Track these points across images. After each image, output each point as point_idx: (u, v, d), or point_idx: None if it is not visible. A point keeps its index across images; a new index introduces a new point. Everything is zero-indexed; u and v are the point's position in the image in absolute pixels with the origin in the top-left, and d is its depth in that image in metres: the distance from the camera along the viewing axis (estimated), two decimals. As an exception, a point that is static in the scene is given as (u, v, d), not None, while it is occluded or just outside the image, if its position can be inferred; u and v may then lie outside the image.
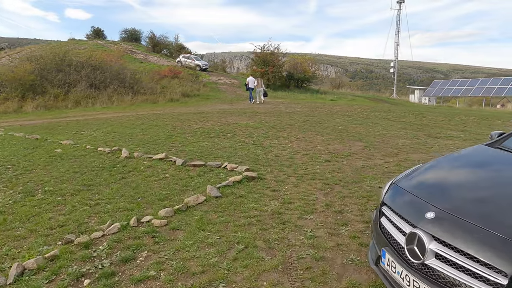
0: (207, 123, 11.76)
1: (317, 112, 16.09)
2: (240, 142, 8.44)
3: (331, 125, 11.67)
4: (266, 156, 6.99)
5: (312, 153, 7.27)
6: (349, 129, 10.70)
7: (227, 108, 17.33)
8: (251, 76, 21.07)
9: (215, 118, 13.06)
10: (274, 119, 12.89)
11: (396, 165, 6.18)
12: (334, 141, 8.59)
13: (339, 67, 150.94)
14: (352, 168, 6.01)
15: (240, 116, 13.88)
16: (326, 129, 10.60)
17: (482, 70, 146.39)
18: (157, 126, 11.08)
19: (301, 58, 30.78)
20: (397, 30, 39.69)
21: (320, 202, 4.38)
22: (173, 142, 8.43)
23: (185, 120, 12.49)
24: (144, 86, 21.09)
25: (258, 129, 10.49)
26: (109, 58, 24.30)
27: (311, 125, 11.55)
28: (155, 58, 40.81)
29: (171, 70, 28.23)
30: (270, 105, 19.28)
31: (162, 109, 17.02)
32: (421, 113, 16.52)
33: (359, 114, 15.58)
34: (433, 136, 9.74)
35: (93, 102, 18.27)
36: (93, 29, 52.71)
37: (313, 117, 14.05)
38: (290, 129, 10.58)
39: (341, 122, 12.52)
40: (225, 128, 10.55)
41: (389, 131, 10.61)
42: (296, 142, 8.47)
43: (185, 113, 14.76)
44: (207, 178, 5.41)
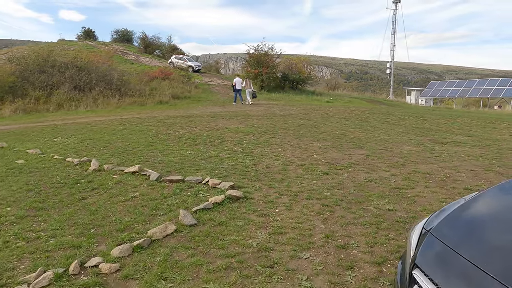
0: (194, 128, 10.87)
1: (313, 115, 15.29)
2: (228, 150, 7.58)
3: (328, 129, 10.85)
4: (255, 167, 6.13)
5: (308, 163, 6.43)
6: (347, 134, 9.89)
7: (218, 111, 16.46)
8: (237, 77, 20.49)
9: (204, 122, 12.18)
10: (267, 123, 12.04)
11: (405, 179, 5.35)
12: (332, 149, 7.75)
13: (334, 68, 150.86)
14: (354, 183, 5.17)
15: (231, 119, 13.02)
16: (322, 134, 9.77)
17: (476, 71, 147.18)
18: (139, 132, 10.18)
19: (296, 59, 29.99)
20: (393, 31, 39.13)
21: (318, 231, 3.53)
22: (153, 151, 7.54)
23: (171, 124, 11.60)
24: (132, 88, 20.14)
25: (249, 134, 9.63)
26: (96, 59, 23.29)
27: (306, 129, 10.72)
28: (147, 59, 39.85)
29: (161, 71, 27.29)
30: (263, 107, 18.45)
31: (149, 112, 16.10)
32: (421, 115, 15.78)
33: (357, 117, 14.80)
34: (439, 141, 8.95)
35: (76, 105, 17.28)
36: (83, 30, 51.73)
37: (309, 120, 13.23)
38: (284, 134, 9.73)
39: (338, 126, 11.71)
40: (213, 134, 9.68)
41: (391, 136, 9.81)
42: (290, 150, 7.63)
43: (173, 117, 13.86)
44: (184, 198, 4.54)
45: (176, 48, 46.22)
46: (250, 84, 20.41)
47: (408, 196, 4.56)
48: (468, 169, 5.93)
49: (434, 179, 5.36)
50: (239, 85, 19.79)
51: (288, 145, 8.14)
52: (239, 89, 19.74)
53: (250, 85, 20.21)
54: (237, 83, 19.80)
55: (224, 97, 23.58)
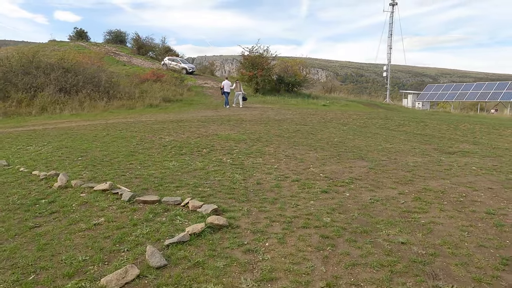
0: (182, 134, 10.13)
1: (309, 119, 14.62)
2: (215, 162, 6.85)
3: (325, 136, 10.17)
4: (245, 183, 5.41)
5: (304, 178, 5.72)
6: (346, 142, 9.21)
7: (210, 115, 15.73)
8: (226, 80, 20.09)
9: (193, 127, 11.44)
10: (261, 129, 11.34)
11: (416, 199, 4.66)
12: (330, 160, 7.06)
13: (330, 70, 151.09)
14: (358, 205, 4.47)
15: (223, 125, 12.29)
16: (320, 142, 9.08)
17: (470, 74, 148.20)
18: (122, 139, 9.42)
19: (291, 61, 29.37)
20: (390, 33, 38.71)
21: (317, 277, 2.82)
22: (132, 162, 6.79)
23: (158, 130, 10.85)
24: (121, 91, 19.32)
25: (241, 142, 8.92)
26: (85, 60, 22.47)
27: (302, 136, 10.03)
28: (140, 61, 39.04)
29: (153, 73, 26.49)
30: (258, 111, 17.75)
31: (138, 116, 15.32)
32: (421, 120, 15.18)
33: (355, 122, 14.15)
34: (445, 151, 8.30)
35: (61, 108, 16.44)
36: (75, 30, 50.76)
37: (305, 125, 12.55)
38: (278, 142, 9.03)
39: (336, 132, 11.04)
40: (201, 142, 8.94)
41: (393, 144, 9.15)
42: (284, 161, 6.92)
43: (162, 121, 13.10)
44: (156, 225, 3.80)
45: (170, 49, 45.43)
46: (240, 86, 20.00)
47: (422, 224, 3.87)
48: (484, 186, 5.26)
49: (448, 199, 4.67)
50: (228, 87, 19.50)
51: (283, 155, 7.44)
52: (227, 92, 19.38)
53: (240, 87, 19.75)
54: (225, 86, 19.49)
55: (218, 100, 22.85)
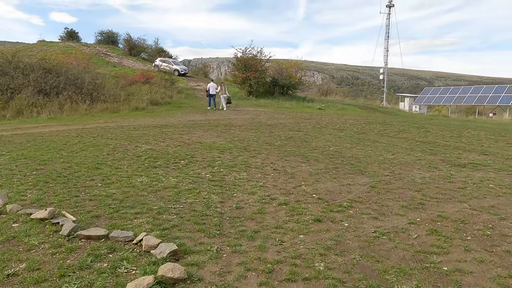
0: (162, 142, 9.15)
1: (303, 125, 13.70)
2: (192, 177, 5.88)
3: (320, 144, 9.24)
4: (221, 208, 4.45)
5: (294, 199, 4.77)
6: (343, 152, 8.29)
7: (198, 119, 14.75)
8: (211, 82, 20.02)
9: (176, 134, 10.45)
10: (250, 136, 10.39)
11: (431, 232, 3.73)
12: (325, 175, 6.12)
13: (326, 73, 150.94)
14: (360, 240, 3.53)
15: (210, 131, 11.33)
16: (314, 152, 8.15)
17: (464, 77, 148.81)
18: (93, 147, 8.41)
19: (286, 63, 28.48)
20: (387, 36, 38.02)
21: None
22: (94, 177, 5.79)
23: (136, 137, 9.85)
24: (105, 93, 18.27)
25: (225, 152, 7.95)
26: (70, 60, 21.39)
27: (295, 144, 9.09)
28: (131, 62, 38.00)
29: (143, 75, 25.48)
30: (249, 115, 16.81)
31: (120, 120, 14.30)
32: (422, 126, 14.33)
33: (352, 127, 13.26)
34: (454, 163, 7.40)
35: (39, 111, 15.36)
36: (66, 30, 49.57)
37: (299, 132, 11.62)
38: (267, 151, 8.08)
39: (332, 139, 10.12)
40: (181, 151, 7.97)
41: (395, 154, 8.24)
42: (272, 177, 5.97)
43: (144, 127, 12.11)
44: (92, 277, 2.82)
45: (163, 50, 44.46)
46: (225, 89, 19.79)
47: (445, 273, 2.93)
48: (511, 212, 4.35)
49: (472, 232, 3.75)
50: (213, 90, 19.27)
51: (271, 169, 6.48)
52: (213, 94, 19.24)
53: (225, 90, 19.61)
54: (211, 88, 19.29)
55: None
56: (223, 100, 19.33)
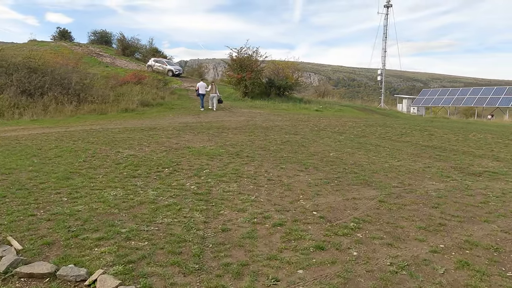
0: (147, 147, 8.39)
1: (300, 127, 13.00)
2: (175, 189, 5.14)
3: (319, 149, 8.53)
4: (204, 230, 3.71)
5: (291, 219, 4.05)
6: (345, 158, 7.58)
7: (190, 122, 14.00)
8: (201, 81, 19.58)
9: (164, 138, 9.70)
10: (244, 139, 9.66)
11: (462, 265, 3.01)
12: (326, 186, 5.40)
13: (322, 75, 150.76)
14: (375, 278, 2.81)
15: (201, 134, 10.59)
16: (312, 158, 7.43)
17: (460, 79, 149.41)
18: (70, 153, 7.63)
19: (283, 64, 27.80)
20: (385, 36, 37.45)
21: None
22: (61, 190, 5.02)
23: (120, 141, 9.08)
24: (94, 93, 17.44)
25: (215, 158, 7.21)
26: (58, 60, 20.55)
27: (292, 150, 8.38)
28: (124, 62, 37.17)
29: (135, 75, 24.68)
30: (244, 117, 16.09)
31: (106, 122, 13.51)
32: (424, 128, 13.69)
33: (351, 130, 12.57)
34: (467, 171, 6.72)
35: (21, 112, 14.51)
36: (58, 30, 48.60)
37: (296, 135, 10.92)
38: (261, 158, 7.35)
39: (332, 144, 9.42)
40: (166, 158, 7.22)
41: (401, 160, 7.55)
42: (266, 188, 5.24)
43: (130, 129, 11.33)
44: None
45: (157, 51, 43.66)
46: (216, 89, 19.20)
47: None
48: (550, 235, 3.65)
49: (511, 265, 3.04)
50: (203, 89, 18.80)
51: (265, 179, 5.75)
52: (202, 94, 18.77)
53: (215, 90, 19.05)
54: (200, 88, 18.81)
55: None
56: (214, 100, 18.89)
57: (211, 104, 19.13)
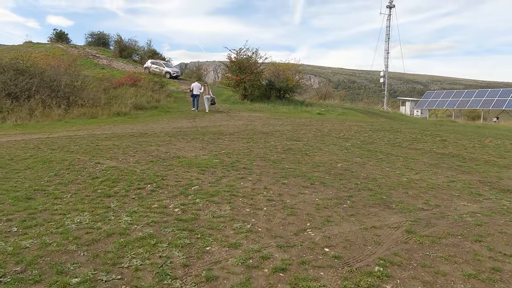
0: (132, 156, 7.48)
1: (302, 132, 12.10)
2: (154, 213, 4.23)
3: (325, 159, 7.62)
4: (181, 280, 2.79)
5: (296, 259, 3.13)
6: (355, 170, 6.66)
7: (184, 127, 13.11)
8: (196, 82, 19.35)
9: (153, 145, 8.79)
10: (242, 147, 8.76)
11: None
12: (338, 209, 4.48)
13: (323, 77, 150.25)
14: None
15: (194, 140, 9.68)
16: (318, 170, 6.52)
17: (460, 81, 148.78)
18: (43, 164, 6.73)
19: (283, 65, 26.93)
20: (387, 37, 36.60)
21: None
22: (14, 216, 4.11)
23: (104, 150, 8.18)
24: (85, 96, 16.56)
25: (207, 171, 6.30)
26: (49, 61, 19.70)
27: (294, 159, 7.46)
28: (121, 64, 36.37)
29: (130, 77, 23.83)
30: (243, 121, 15.20)
31: (95, 127, 12.61)
32: (435, 134, 12.79)
33: (358, 136, 11.67)
34: (498, 186, 5.80)
35: (5, 117, 13.61)
36: (55, 32, 47.88)
37: (298, 141, 10.01)
38: (260, 170, 6.44)
39: (338, 152, 8.51)
40: (151, 170, 6.30)
41: (419, 172, 6.64)
42: (265, 212, 4.32)
43: (118, 136, 10.43)
44: None
45: (156, 52, 42.89)
46: (209, 90, 19.02)
47: None
48: None
49: None
50: (197, 90, 18.58)
51: (264, 198, 4.84)
52: (196, 95, 18.57)
53: (209, 91, 18.89)
54: (194, 88, 18.60)
55: (199, 107, 20.26)
56: (206, 102, 18.61)
57: (204, 105, 18.90)
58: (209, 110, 19.16)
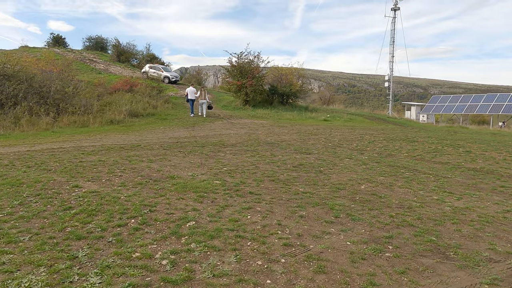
0: (118, 177, 6.37)
1: (311, 143, 11.01)
2: (133, 270, 3.12)
3: (343, 178, 6.52)
4: None
5: None
6: (383, 194, 5.56)
7: (182, 136, 12.02)
8: (190, 87, 18.79)
9: (144, 161, 7.69)
10: (245, 162, 7.66)
11: None
12: (381, 260, 3.38)
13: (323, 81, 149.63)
14: None
15: (192, 154, 8.60)
16: (339, 195, 5.41)
17: (459, 85, 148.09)
18: (11, 187, 5.62)
19: (286, 69, 25.92)
20: (392, 41, 35.60)
21: None
22: None
23: (87, 167, 7.07)
24: (76, 103, 15.50)
25: (206, 197, 5.19)
26: (40, 66, 18.66)
27: (308, 179, 6.35)
28: (118, 69, 35.43)
29: (126, 82, 22.81)
30: (245, 130, 14.13)
31: (84, 138, 11.52)
32: (455, 144, 11.70)
33: (373, 147, 10.58)
34: None
35: (-13, 126, 12.58)
36: (52, 36, 47.03)
37: (308, 154, 8.93)
38: (270, 195, 5.34)
39: (356, 168, 7.41)
40: (139, 197, 5.19)
41: (461, 198, 5.53)
42: (283, 266, 3.21)
43: (106, 148, 9.34)
44: None
45: (155, 57, 41.97)
46: (205, 94, 18.64)
47: None
48: None
49: None
50: (192, 95, 18.17)
51: (279, 242, 3.73)
52: (192, 99, 18.16)
53: (205, 95, 18.52)
54: (189, 93, 18.19)
55: (198, 115, 19.20)
56: (204, 107, 18.25)
57: (200, 110, 18.40)
58: (207, 115, 18.30)
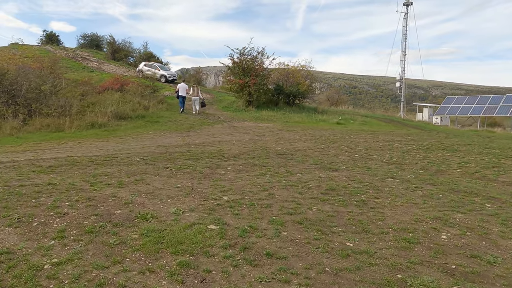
0: (61, 216, 4.15)
1: (332, 152, 8.82)
2: None
3: (404, 217, 4.30)
4: None
5: None
6: (481, 250, 3.33)
7: (173, 144, 9.83)
8: (182, 83, 17.97)
9: (113, 184, 5.48)
10: (252, 185, 5.44)
11: None
12: None
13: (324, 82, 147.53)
14: None
15: (181, 172, 6.39)
16: (418, 262, 3.18)
17: (461, 86, 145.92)
18: None
19: (293, 68, 23.72)
20: (404, 38, 33.33)
21: None
22: None
23: (20, 198, 4.87)
24: (52, 104, 13.33)
25: (192, 268, 2.97)
26: (14, 63, 16.50)
27: (351, 220, 4.12)
28: (112, 67, 33.27)
29: (117, 81, 20.63)
30: (249, 135, 11.94)
31: (51, 146, 9.34)
32: (508, 154, 9.50)
33: (411, 159, 8.36)
34: None
35: None
36: (45, 33, 45.00)
37: (335, 171, 6.72)
38: (303, 263, 3.12)
39: (412, 196, 5.18)
40: (76, 265, 2.98)
41: None
42: None
43: (69, 163, 7.14)
44: None
45: (152, 55, 39.83)
46: (198, 91, 17.73)
47: None
48: None
49: None
50: (183, 91, 17.22)
51: None
52: (182, 96, 17.20)
53: (197, 92, 17.65)
54: (180, 89, 17.26)
55: (196, 116, 17.01)
56: (196, 104, 17.36)
57: (194, 108, 17.49)
58: (206, 117, 16.24)
